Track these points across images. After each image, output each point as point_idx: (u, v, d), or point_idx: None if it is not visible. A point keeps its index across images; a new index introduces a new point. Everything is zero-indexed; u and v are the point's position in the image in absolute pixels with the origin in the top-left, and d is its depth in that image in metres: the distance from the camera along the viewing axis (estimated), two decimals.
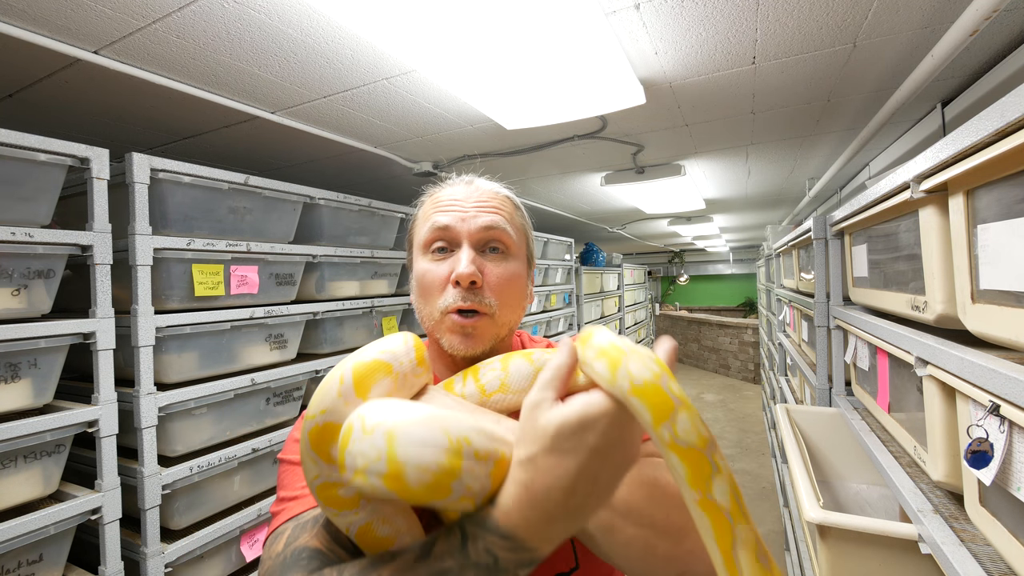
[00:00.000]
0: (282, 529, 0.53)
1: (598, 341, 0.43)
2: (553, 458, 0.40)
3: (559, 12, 1.03)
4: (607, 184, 2.75)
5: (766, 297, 4.56)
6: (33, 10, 1.04)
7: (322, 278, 1.96)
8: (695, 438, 0.38)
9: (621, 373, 0.39)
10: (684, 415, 0.38)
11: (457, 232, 0.65)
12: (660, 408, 0.38)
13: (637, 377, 0.38)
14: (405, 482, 0.37)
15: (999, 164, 0.73)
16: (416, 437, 0.39)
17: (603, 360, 0.41)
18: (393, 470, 0.37)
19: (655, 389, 0.38)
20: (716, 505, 0.37)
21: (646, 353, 0.40)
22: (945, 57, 1.11)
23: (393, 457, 0.38)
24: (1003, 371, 0.70)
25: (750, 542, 0.38)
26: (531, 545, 0.40)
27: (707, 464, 0.38)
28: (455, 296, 0.63)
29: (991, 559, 0.75)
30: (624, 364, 0.39)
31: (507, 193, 0.73)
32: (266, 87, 1.44)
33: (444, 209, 0.67)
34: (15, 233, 1.13)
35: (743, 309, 12.41)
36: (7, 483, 1.14)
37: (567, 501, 0.40)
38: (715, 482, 0.38)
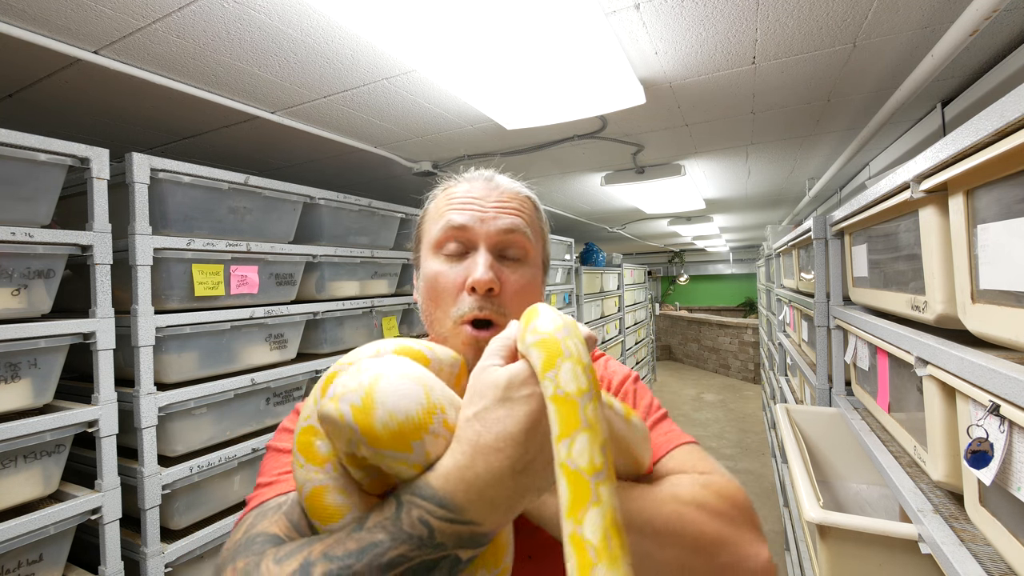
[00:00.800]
0: (246, 518, 0.50)
1: (541, 327, 0.42)
2: (503, 409, 0.39)
3: (559, 12, 1.03)
4: (607, 184, 2.75)
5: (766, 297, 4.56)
6: (33, 10, 1.04)
7: (322, 278, 1.96)
8: (584, 463, 0.35)
9: (550, 375, 0.38)
10: (584, 439, 0.36)
11: (474, 234, 0.60)
12: None
13: (563, 384, 0.37)
14: (372, 420, 0.37)
15: (999, 164, 0.73)
16: (399, 385, 0.39)
17: (539, 350, 0.40)
18: (365, 404, 0.38)
19: (572, 403, 0.37)
20: (581, 539, 0.34)
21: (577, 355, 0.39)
22: (945, 57, 1.11)
23: (370, 393, 0.38)
24: (1003, 371, 0.70)
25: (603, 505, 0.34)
26: (471, 516, 0.37)
27: (587, 490, 0.35)
28: (471, 304, 0.58)
29: (991, 559, 0.75)
30: (557, 366, 0.38)
31: (528, 193, 0.68)
32: (266, 87, 1.44)
33: (460, 207, 0.61)
34: (15, 233, 1.13)
35: (743, 309, 12.41)
36: (7, 483, 1.14)
37: (516, 458, 0.37)
38: (590, 514, 0.34)
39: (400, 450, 0.38)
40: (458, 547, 0.37)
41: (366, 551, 0.36)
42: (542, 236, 0.68)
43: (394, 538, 0.36)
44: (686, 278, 12.78)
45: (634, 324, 6.76)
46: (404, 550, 0.35)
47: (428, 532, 0.36)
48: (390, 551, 0.35)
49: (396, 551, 0.35)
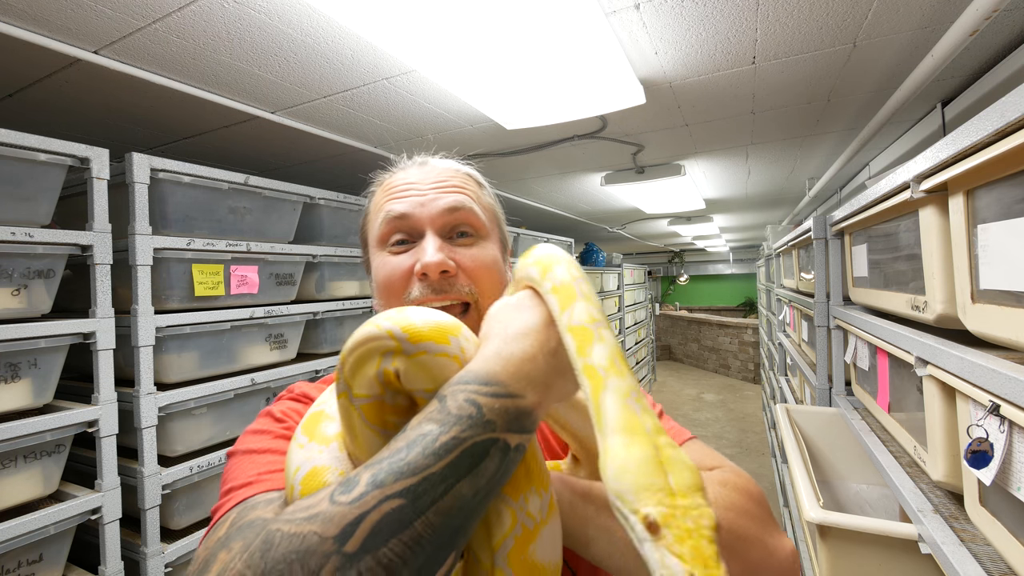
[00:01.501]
0: (224, 518, 0.42)
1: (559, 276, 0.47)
2: (521, 312, 0.43)
3: (559, 12, 1.03)
4: (607, 184, 2.75)
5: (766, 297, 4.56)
6: (33, 10, 1.04)
7: (322, 278, 1.96)
8: (585, 318, 0.41)
9: (548, 276, 0.45)
10: (581, 304, 0.42)
11: (417, 220, 0.57)
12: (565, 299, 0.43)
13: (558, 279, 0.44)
14: (411, 320, 0.40)
15: (999, 164, 0.73)
16: (427, 310, 0.43)
17: (536, 267, 0.46)
18: (400, 315, 0.41)
19: (568, 287, 0.44)
20: (593, 366, 0.39)
21: None
22: (945, 57, 1.11)
23: (402, 311, 0.42)
24: (1003, 371, 0.69)
25: (621, 389, 0.38)
26: (515, 389, 0.37)
27: (591, 335, 0.41)
28: (421, 290, 0.56)
29: (991, 559, 0.75)
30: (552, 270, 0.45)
31: (467, 169, 0.65)
32: (266, 87, 1.44)
33: (398, 195, 0.59)
34: (15, 233, 1.13)
35: (743, 309, 12.41)
36: (7, 483, 1.14)
37: (543, 342, 0.41)
38: (595, 348, 0.40)
39: (440, 341, 0.40)
40: (507, 428, 0.36)
41: (415, 443, 0.34)
42: (492, 212, 0.65)
43: (443, 424, 0.34)
44: (686, 278, 12.78)
45: (634, 324, 6.76)
46: (456, 431, 0.34)
47: (477, 410, 0.35)
48: (441, 436, 0.34)
49: (448, 435, 0.34)
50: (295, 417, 0.55)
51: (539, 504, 0.39)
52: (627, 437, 0.35)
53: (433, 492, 0.32)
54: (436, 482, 0.33)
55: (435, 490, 0.33)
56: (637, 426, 0.36)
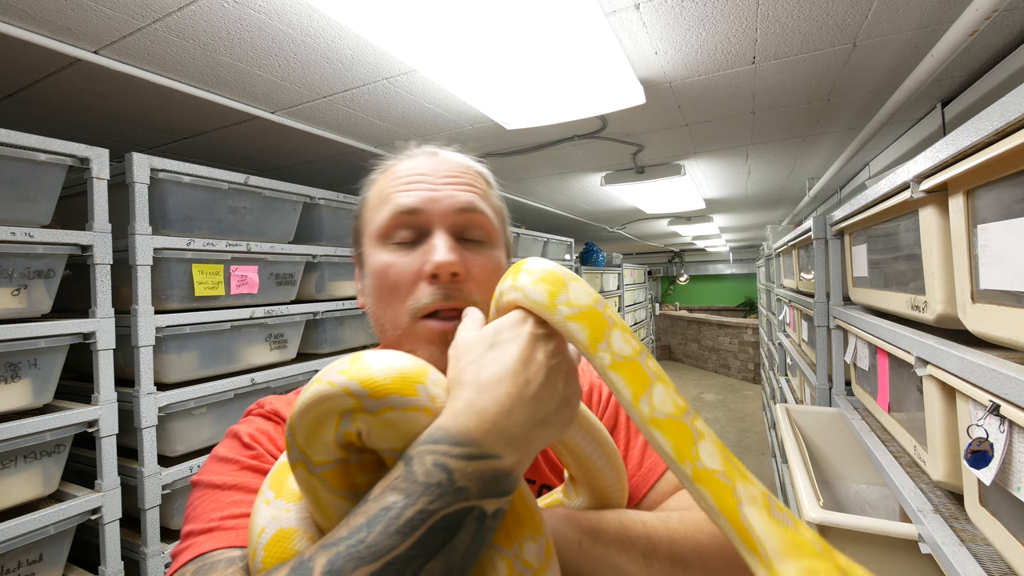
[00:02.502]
0: (181, 572, 0.40)
1: (576, 299, 0.42)
2: (494, 351, 0.38)
3: (559, 12, 1.03)
4: (607, 184, 2.75)
5: (766, 297, 4.56)
6: (33, 10, 1.04)
7: (322, 278, 1.96)
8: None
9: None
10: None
11: (428, 215, 0.52)
12: (596, 330, 0.38)
13: (575, 304, 0.39)
14: (370, 372, 0.35)
15: (999, 164, 0.73)
16: (382, 352, 0.38)
17: (542, 286, 0.41)
18: (356, 365, 0.36)
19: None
20: (709, 473, 0.34)
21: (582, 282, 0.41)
22: (945, 57, 1.11)
23: (358, 357, 0.37)
24: (1003, 371, 0.69)
25: (756, 499, 0.33)
26: (490, 449, 0.33)
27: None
28: (431, 294, 0.50)
29: (991, 559, 0.75)
30: (564, 293, 0.40)
31: (480, 168, 0.60)
32: (266, 87, 1.44)
33: (407, 187, 0.53)
34: (15, 233, 1.13)
35: (743, 309, 12.41)
36: (7, 483, 1.14)
37: (521, 388, 0.36)
38: (701, 447, 0.35)
39: (407, 393, 0.35)
40: (483, 494, 0.32)
41: (377, 519, 0.30)
42: (501, 215, 0.60)
43: (408, 494, 0.30)
44: (686, 278, 12.78)
45: (634, 324, 6.76)
46: (423, 503, 0.30)
47: (447, 475, 0.31)
48: (407, 509, 0.30)
49: (415, 507, 0.30)
50: (264, 443, 0.50)
51: (535, 550, 0.37)
52: (801, 562, 0.29)
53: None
54: (402, 566, 0.29)
55: (401, 575, 0.29)
56: (804, 546, 0.30)
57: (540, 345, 0.39)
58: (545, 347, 0.39)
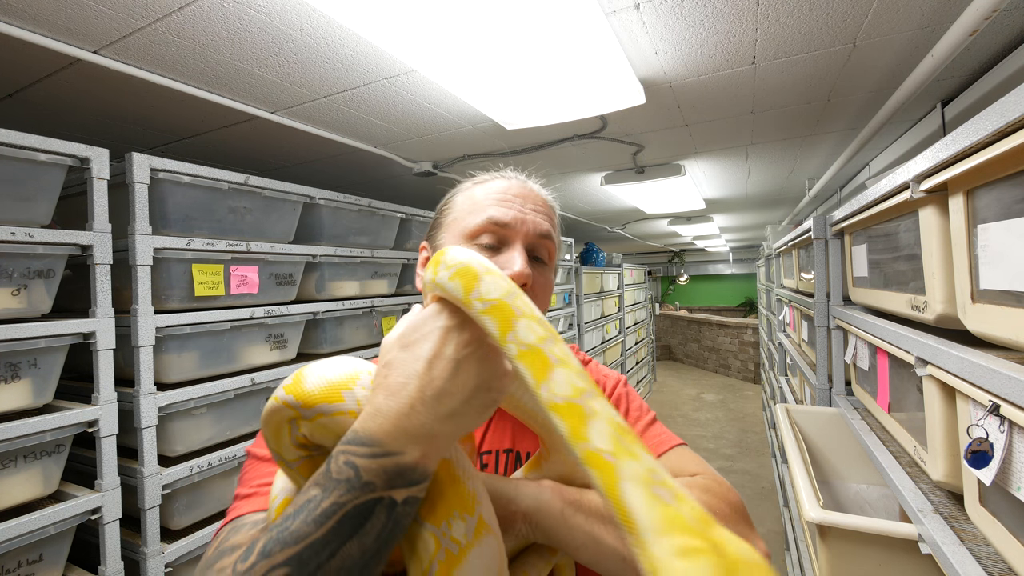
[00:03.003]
0: (220, 533, 0.49)
1: (487, 293, 0.43)
2: (407, 351, 0.41)
3: (559, 12, 1.03)
4: (607, 184, 2.75)
5: (766, 297, 4.56)
6: (33, 10, 1.04)
7: (322, 278, 1.96)
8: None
9: (474, 293, 0.41)
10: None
11: (513, 231, 0.61)
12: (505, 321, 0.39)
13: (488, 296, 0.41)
14: (303, 386, 0.42)
15: (999, 164, 0.73)
16: (326, 361, 0.45)
17: (457, 280, 0.42)
18: (296, 380, 0.43)
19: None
20: (596, 453, 0.33)
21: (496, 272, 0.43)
22: (945, 57, 1.11)
23: (300, 372, 0.44)
24: (1003, 371, 0.69)
25: (638, 476, 0.32)
26: (391, 447, 0.37)
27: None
28: None
29: (991, 559, 0.75)
30: (478, 285, 0.41)
31: (554, 203, 0.73)
32: (266, 87, 1.44)
33: (503, 204, 0.62)
34: (15, 233, 1.13)
35: (743, 309, 12.41)
36: (7, 483, 1.14)
37: (423, 387, 0.39)
38: (592, 426, 0.34)
39: (333, 400, 0.41)
40: (389, 486, 0.37)
41: (302, 509, 0.36)
42: (560, 245, 0.72)
43: (324, 488, 0.36)
44: (686, 278, 12.78)
45: (634, 324, 6.76)
46: (335, 496, 0.36)
47: (355, 472, 0.36)
48: (323, 502, 0.36)
49: (329, 500, 0.35)
50: None
51: (463, 528, 0.40)
52: (674, 539, 0.28)
53: (317, 558, 0.34)
54: (319, 548, 0.34)
55: (319, 556, 0.34)
56: (680, 522, 0.29)
57: (452, 338, 0.41)
58: (458, 338, 0.41)
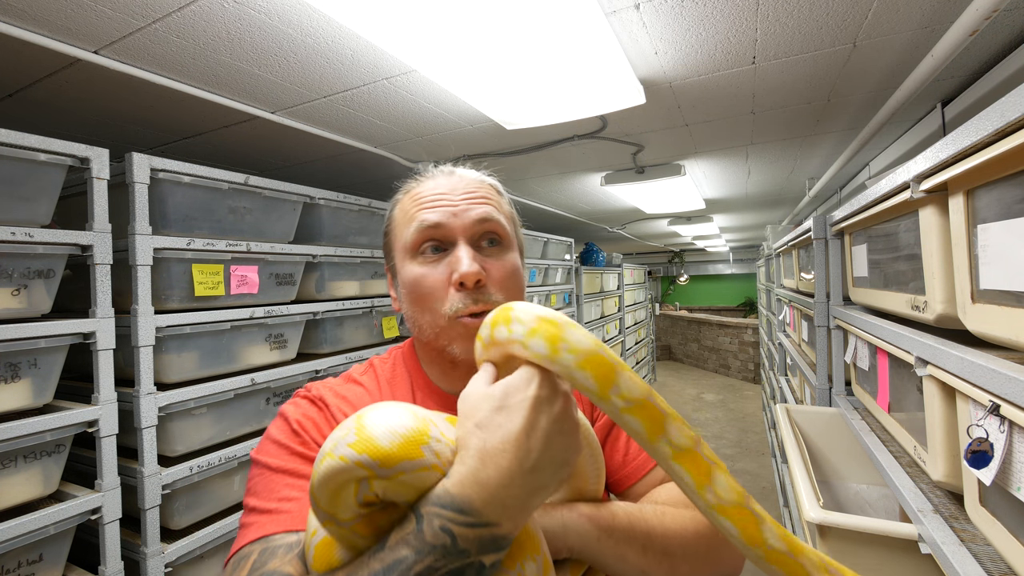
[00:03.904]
0: (247, 551, 0.48)
1: (523, 316, 0.44)
2: (501, 415, 0.41)
3: (559, 12, 1.03)
4: (607, 184, 2.75)
5: (766, 297, 4.56)
6: (33, 10, 1.04)
7: (322, 278, 1.96)
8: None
9: (562, 347, 0.41)
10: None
11: (450, 229, 0.60)
12: (604, 376, 0.41)
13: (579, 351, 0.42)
14: (376, 443, 0.38)
15: (999, 164, 0.73)
16: (384, 410, 0.41)
17: (539, 337, 0.43)
18: (361, 436, 0.38)
19: (596, 359, 0.41)
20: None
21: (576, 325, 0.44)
22: (945, 57, 1.11)
23: (361, 426, 0.39)
24: (1003, 371, 0.69)
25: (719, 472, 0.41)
26: (490, 518, 0.38)
27: (658, 412, 0.42)
28: (461, 300, 0.58)
29: (991, 559, 0.75)
30: (564, 339, 0.42)
31: (491, 181, 0.69)
32: (266, 87, 1.44)
33: (430, 205, 0.61)
34: (15, 233, 1.13)
35: (743, 309, 12.40)
36: (7, 483, 1.14)
37: (523, 458, 0.39)
38: (670, 427, 0.42)
39: (414, 457, 0.38)
40: (481, 552, 0.37)
41: (392, 568, 0.36)
42: (512, 220, 0.68)
43: (419, 551, 0.36)
44: (686, 278, 12.78)
45: (634, 324, 6.76)
46: (430, 561, 0.36)
47: (451, 540, 0.36)
48: (416, 564, 0.35)
49: (423, 563, 0.35)
50: (310, 430, 0.58)
51: (535, 568, 0.42)
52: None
53: None
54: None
55: None
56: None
57: (544, 410, 0.41)
58: (549, 411, 0.41)
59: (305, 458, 0.55)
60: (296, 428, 0.58)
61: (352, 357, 2.04)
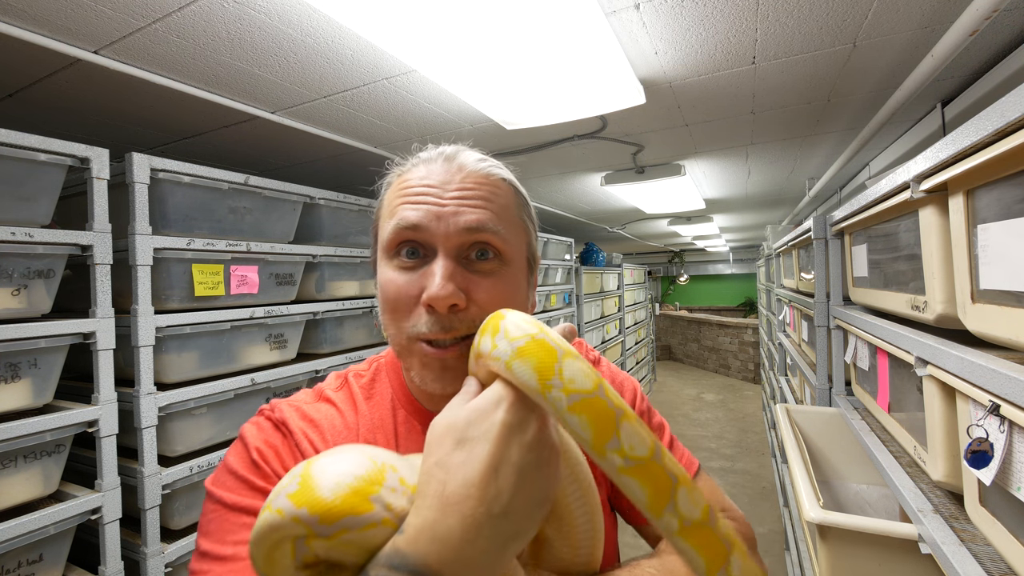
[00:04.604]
0: None
1: (512, 330, 0.37)
2: (464, 451, 0.34)
3: (559, 12, 1.03)
4: (607, 184, 2.75)
5: (766, 297, 4.56)
6: (33, 10, 1.04)
7: (322, 278, 1.96)
8: (645, 452, 0.34)
9: (554, 381, 0.34)
10: (628, 426, 0.34)
11: (430, 235, 0.48)
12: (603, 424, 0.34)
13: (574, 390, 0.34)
14: (318, 494, 0.33)
15: (999, 164, 0.73)
16: (335, 455, 0.36)
17: (526, 363, 0.35)
18: (304, 485, 0.33)
19: (594, 400, 0.34)
20: (685, 520, 0.35)
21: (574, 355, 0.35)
22: (945, 57, 1.11)
23: (307, 474, 0.34)
24: (1003, 371, 0.69)
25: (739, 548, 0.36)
26: None
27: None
28: (427, 323, 0.47)
29: (991, 559, 0.75)
30: (556, 371, 0.34)
31: (502, 175, 0.54)
32: (266, 87, 1.44)
33: (414, 199, 0.49)
34: (15, 233, 1.13)
35: (743, 309, 12.41)
36: (7, 483, 1.14)
37: (490, 502, 0.33)
38: (679, 494, 0.34)
39: (360, 511, 0.33)
40: None
41: None
42: (523, 227, 0.55)
43: None
44: (686, 278, 12.78)
45: (634, 324, 6.76)
46: None
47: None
48: None
49: None
50: (272, 461, 0.50)
51: None
52: None
53: None
54: None
55: None
56: None
57: (515, 439, 0.35)
58: (520, 440, 0.35)
59: (265, 494, 0.47)
60: (256, 458, 0.49)
61: (352, 357, 2.04)
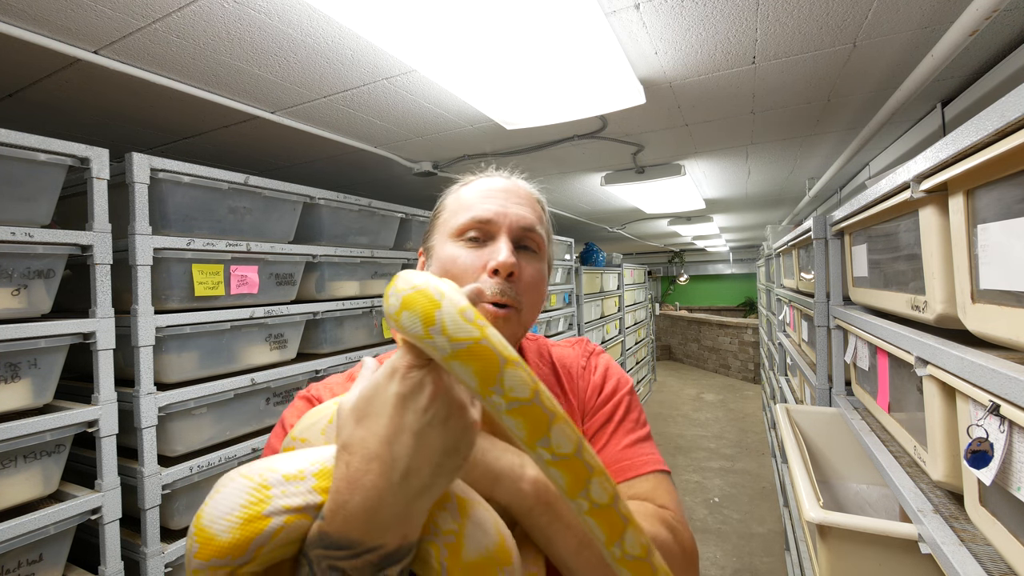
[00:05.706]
0: None
1: (400, 284, 0.39)
2: (363, 427, 0.38)
3: (559, 12, 1.03)
4: (607, 184, 2.75)
5: (766, 297, 4.56)
6: (33, 10, 1.04)
7: (322, 278, 1.96)
8: (526, 394, 0.35)
9: (435, 330, 0.35)
10: (511, 372, 0.35)
11: (497, 225, 0.63)
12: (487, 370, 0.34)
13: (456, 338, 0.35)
14: (216, 541, 0.36)
15: (999, 164, 0.73)
16: (215, 500, 0.38)
17: (411, 312, 0.36)
18: (201, 537, 0.36)
19: (480, 349, 0.34)
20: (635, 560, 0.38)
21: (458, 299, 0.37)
22: (945, 57, 1.11)
23: (200, 529, 0.37)
24: (1003, 371, 0.69)
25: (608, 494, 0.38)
26: (373, 543, 0.37)
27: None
28: (491, 287, 0.59)
29: (991, 559, 0.75)
30: (439, 319, 0.35)
31: (540, 197, 0.73)
32: (266, 87, 1.44)
33: (487, 200, 0.65)
34: (15, 233, 1.13)
35: (743, 309, 12.40)
36: (7, 483, 1.14)
37: (389, 471, 0.37)
38: (554, 430, 0.36)
39: (261, 529, 0.36)
40: (379, 570, 0.37)
41: None
42: (549, 237, 0.72)
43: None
44: (686, 278, 12.77)
45: (634, 324, 6.76)
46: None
47: (342, 575, 0.36)
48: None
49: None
50: None
51: (448, 516, 0.41)
52: None
53: None
54: None
55: None
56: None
57: (409, 405, 0.37)
58: (415, 405, 0.37)
59: None
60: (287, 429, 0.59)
61: (352, 357, 2.04)
